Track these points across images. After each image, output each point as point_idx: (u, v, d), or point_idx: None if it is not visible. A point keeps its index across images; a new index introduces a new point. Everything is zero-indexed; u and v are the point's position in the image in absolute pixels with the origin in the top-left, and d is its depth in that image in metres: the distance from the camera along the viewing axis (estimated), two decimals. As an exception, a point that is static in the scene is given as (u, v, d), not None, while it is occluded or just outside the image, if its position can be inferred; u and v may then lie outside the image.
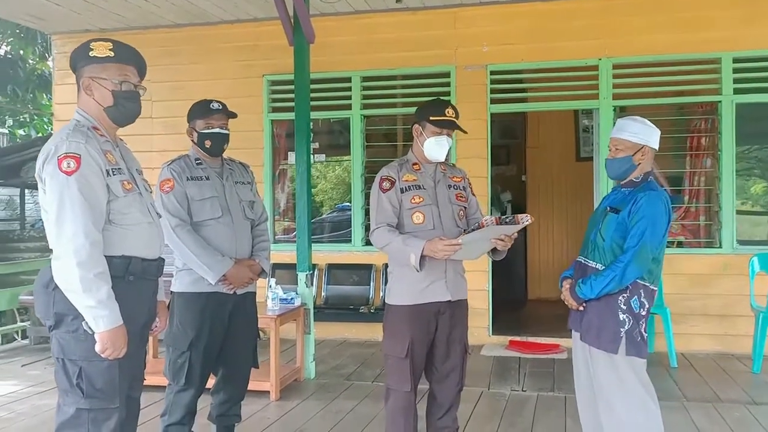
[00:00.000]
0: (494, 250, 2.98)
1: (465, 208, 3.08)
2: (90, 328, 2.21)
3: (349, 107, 6.54)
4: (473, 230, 2.75)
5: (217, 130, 3.29)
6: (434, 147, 2.98)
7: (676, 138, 6.13)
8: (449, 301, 2.98)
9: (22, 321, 7.30)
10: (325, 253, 6.57)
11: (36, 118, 14.01)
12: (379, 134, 7.31)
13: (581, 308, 2.86)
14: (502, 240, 2.82)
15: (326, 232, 8.72)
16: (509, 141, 8.49)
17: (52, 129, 9.84)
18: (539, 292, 8.30)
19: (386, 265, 6.35)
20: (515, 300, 7.95)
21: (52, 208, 2.22)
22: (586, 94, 6.10)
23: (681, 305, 5.66)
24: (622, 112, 6.05)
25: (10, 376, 5.25)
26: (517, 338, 6.07)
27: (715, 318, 5.73)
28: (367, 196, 6.45)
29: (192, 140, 3.36)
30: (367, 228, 6.50)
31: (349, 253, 6.55)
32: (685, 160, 6.14)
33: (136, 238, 2.38)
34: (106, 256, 2.26)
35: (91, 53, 2.36)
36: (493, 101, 6.23)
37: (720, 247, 5.81)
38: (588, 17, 5.97)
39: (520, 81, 6.47)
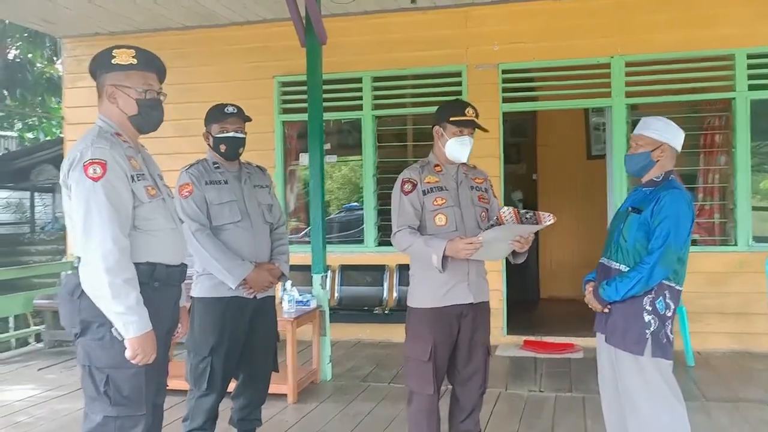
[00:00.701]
0: (514, 253, 2.96)
1: (487, 209, 3.05)
2: (120, 334, 2.20)
3: (360, 108, 6.52)
4: (492, 226, 2.72)
5: (231, 134, 3.29)
6: (456, 147, 2.96)
7: (690, 135, 6.07)
8: (471, 303, 2.96)
9: (36, 324, 7.31)
10: (338, 254, 6.54)
11: (45, 121, 14.07)
12: (390, 134, 7.29)
13: (606, 310, 2.84)
14: (519, 242, 2.79)
15: (335, 232, 8.71)
16: (519, 139, 8.44)
17: (60, 132, 9.86)
18: (551, 291, 8.26)
19: (399, 266, 6.34)
20: (528, 299, 7.91)
21: (78, 215, 2.21)
22: (598, 92, 6.06)
23: (697, 303, 5.62)
24: (634, 110, 6.02)
25: (27, 380, 5.25)
26: (532, 338, 6.05)
27: (731, 316, 5.70)
28: (379, 197, 6.43)
29: (208, 144, 3.36)
30: (379, 228, 6.48)
31: (362, 254, 6.53)
32: (699, 157, 6.10)
33: (161, 244, 2.38)
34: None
35: (113, 60, 2.35)
36: (505, 100, 6.20)
37: (735, 244, 5.78)
38: (600, 15, 5.93)
39: (532, 80, 6.44)
